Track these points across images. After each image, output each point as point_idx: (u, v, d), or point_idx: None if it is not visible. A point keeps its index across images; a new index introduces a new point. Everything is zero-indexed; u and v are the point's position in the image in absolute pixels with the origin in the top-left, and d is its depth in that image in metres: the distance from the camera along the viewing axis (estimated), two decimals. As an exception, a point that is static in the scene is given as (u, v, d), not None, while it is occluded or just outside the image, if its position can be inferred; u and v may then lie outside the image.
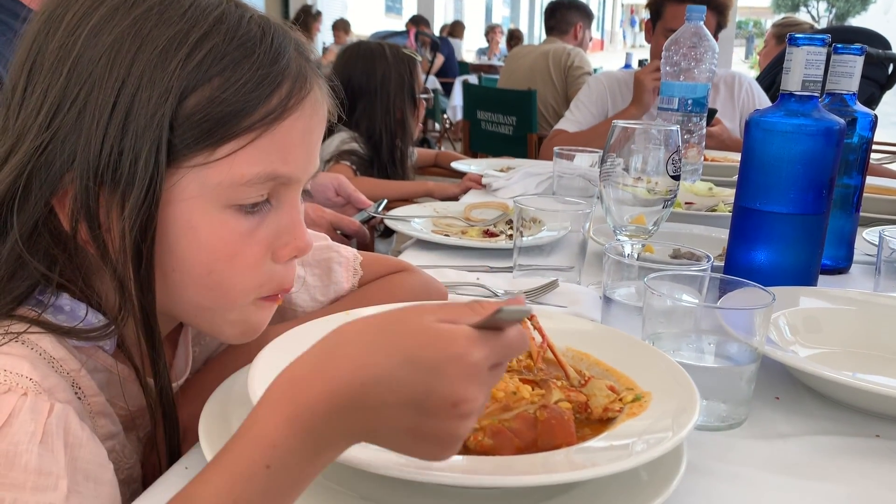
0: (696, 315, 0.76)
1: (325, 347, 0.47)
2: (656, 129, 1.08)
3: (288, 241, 0.63)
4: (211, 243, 0.60)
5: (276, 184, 0.61)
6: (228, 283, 0.61)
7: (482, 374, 0.45)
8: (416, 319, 0.46)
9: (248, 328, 0.66)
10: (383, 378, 0.44)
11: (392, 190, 1.96)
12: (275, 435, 0.44)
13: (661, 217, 1.09)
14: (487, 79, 5.90)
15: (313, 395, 0.45)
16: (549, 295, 1.06)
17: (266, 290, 0.64)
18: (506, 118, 3.75)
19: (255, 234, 0.61)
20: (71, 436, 0.54)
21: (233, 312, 0.64)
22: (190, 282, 0.61)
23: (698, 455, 0.66)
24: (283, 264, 0.64)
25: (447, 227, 1.48)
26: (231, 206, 0.59)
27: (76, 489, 0.52)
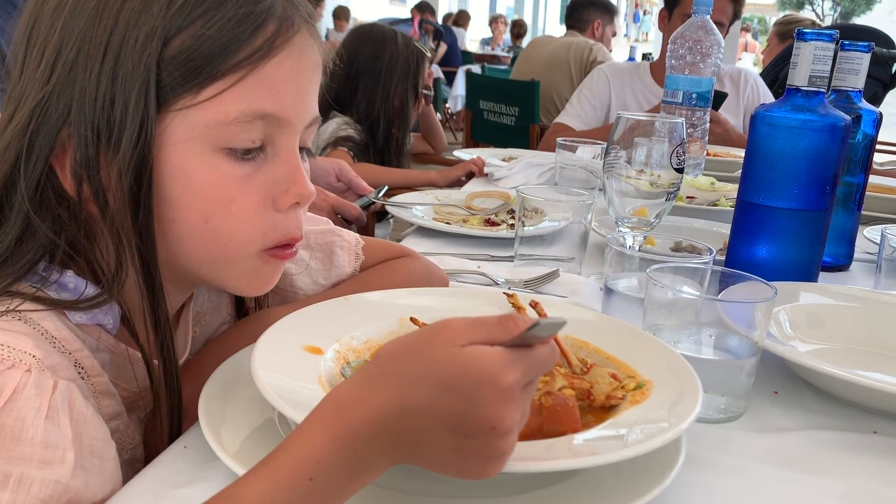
0: (697, 307, 0.76)
1: (369, 376, 0.48)
2: (661, 121, 1.08)
3: (288, 187, 0.62)
4: (204, 189, 0.60)
5: (268, 126, 0.60)
6: (227, 231, 0.61)
7: (516, 396, 0.46)
8: (448, 346, 0.46)
9: (258, 281, 0.66)
10: (422, 406, 0.46)
11: (395, 178, 1.96)
12: (320, 451, 0.46)
13: (663, 210, 1.09)
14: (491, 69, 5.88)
15: (357, 420, 0.46)
16: (549, 285, 1.06)
17: (271, 240, 0.63)
18: (508, 108, 3.74)
19: (250, 180, 0.61)
20: (76, 412, 0.54)
21: (238, 265, 0.63)
22: (189, 233, 0.61)
23: (696, 447, 0.67)
24: (286, 213, 0.63)
25: (448, 214, 1.48)
26: (222, 149, 0.59)
27: (82, 464, 0.53)
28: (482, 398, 0.45)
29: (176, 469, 0.60)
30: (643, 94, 2.52)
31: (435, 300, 0.80)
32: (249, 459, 0.54)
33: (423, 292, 0.83)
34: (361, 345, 0.70)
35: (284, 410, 0.54)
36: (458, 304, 0.80)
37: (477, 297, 0.83)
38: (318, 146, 2.13)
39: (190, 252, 0.63)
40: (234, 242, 0.62)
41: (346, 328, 0.71)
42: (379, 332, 0.73)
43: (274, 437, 0.60)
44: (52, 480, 0.50)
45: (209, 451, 0.58)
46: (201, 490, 0.57)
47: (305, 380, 0.61)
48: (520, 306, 0.78)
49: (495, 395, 0.45)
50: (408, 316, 0.74)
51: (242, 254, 0.63)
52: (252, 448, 0.58)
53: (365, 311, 0.75)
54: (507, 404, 0.45)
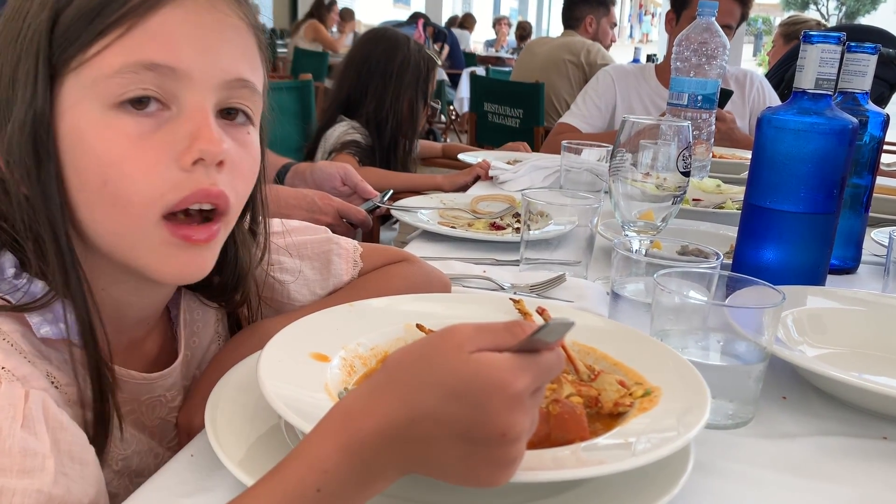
0: (704, 313, 0.75)
1: (376, 384, 0.48)
2: (667, 124, 1.08)
3: (190, 143, 0.60)
4: (98, 148, 0.58)
5: (163, 79, 0.59)
6: (125, 192, 0.58)
7: (525, 402, 0.46)
8: (456, 353, 0.46)
9: (172, 263, 0.62)
10: (430, 414, 0.45)
11: (400, 181, 1.95)
12: (327, 461, 0.46)
13: (669, 213, 1.09)
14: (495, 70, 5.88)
15: (365, 429, 0.46)
16: (555, 289, 1.06)
17: (172, 198, 0.60)
18: (513, 110, 3.74)
19: (149, 137, 0.59)
20: (51, 419, 0.54)
21: (144, 237, 0.60)
22: (94, 200, 0.60)
23: (704, 453, 0.66)
24: (191, 172, 0.60)
25: (454, 218, 1.48)
26: (114, 105, 0.58)
27: (62, 471, 0.52)
28: (491, 405, 0.45)
29: (182, 478, 0.59)
30: (648, 96, 2.51)
31: (441, 306, 0.80)
32: (255, 467, 0.54)
33: (428, 298, 0.83)
34: (367, 352, 0.70)
35: (290, 418, 0.54)
36: (465, 310, 0.80)
37: (483, 302, 0.82)
38: (324, 151, 2.13)
39: (101, 224, 0.61)
40: (134, 205, 0.59)
41: (351, 335, 0.71)
42: (385, 339, 0.72)
43: (280, 444, 0.60)
44: (34, 490, 0.50)
45: (214, 460, 0.58)
46: (207, 499, 0.56)
47: (311, 388, 0.61)
48: (526, 312, 0.78)
49: (504, 402, 0.45)
50: (414, 322, 0.74)
51: (144, 220, 0.60)
52: (258, 456, 0.58)
53: (370, 317, 0.75)
54: (517, 411, 0.45)
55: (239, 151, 0.64)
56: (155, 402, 0.72)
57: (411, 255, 0.99)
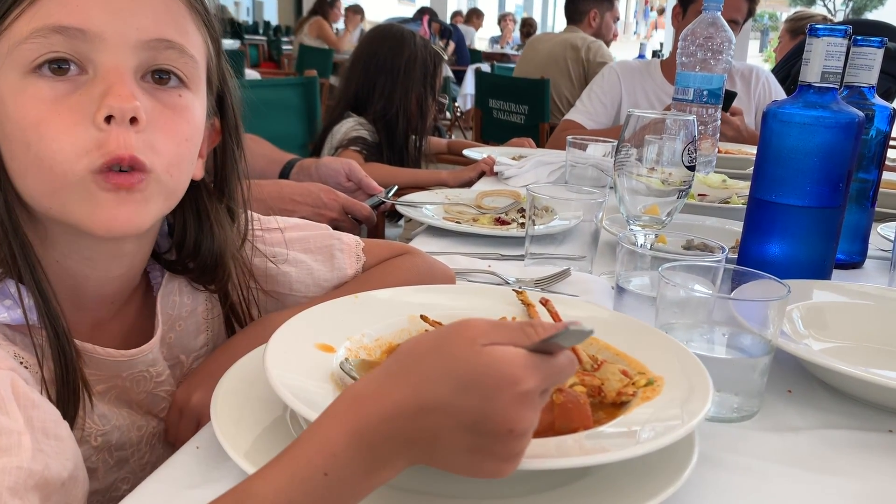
0: (709, 306, 0.75)
1: (388, 372, 0.48)
2: (672, 118, 1.07)
3: (101, 102, 0.60)
4: (17, 113, 0.60)
5: (74, 42, 0.60)
6: (46, 153, 0.60)
7: (534, 401, 0.46)
8: (470, 345, 0.46)
9: (101, 212, 0.62)
10: (440, 404, 0.45)
11: (405, 177, 1.95)
12: (336, 445, 0.46)
13: (674, 208, 1.09)
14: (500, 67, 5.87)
15: (375, 415, 0.46)
16: (560, 284, 1.06)
17: (97, 158, 0.60)
18: (518, 107, 3.73)
19: (65, 100, 0.60)
20: (21, 397, 0.54)
21: (75, 191, 0.61)
22: (23, 167, 0.61)
23: (709, 446, 0.66)
24: (108, 130, 0.60)
25: (458, 214, 1.48)
26: (29, 70, 0.60)
27: (39, 447, 0.52)
28: (500, 398, 0.45)
29: (188, 470, 0.60)
30: (654, 91, 2.51)
31: (445, 297, 0.80)
32: (261, 459, 0.54)
33: (432, 290, 0.83)
34: (372, 342, 0.70)
35: (297, 408, 0.54)
36: (468, 301, 0.80)
37: (486, 294, 0.82)
38: (331, 147, 2.14)
39: (33, 188, 0.62)
40: (57, 164, 0.60)
41: (356, 326, 0.71)
42: (389, 330, 0.73)
43: (285, 436, 0.60)
44: (13, 467, 0.50)
45: (220, 452, 0.58)
46: (214, 491, 0.56)
47: (318, 378, 0.61)
48: (529, 303, 0.78)
49: (514, 397, 0.45)
50: (417, 313, 0.74)
51: (71, 177, 0.60)
52: (263, 448, 0.58)
53: (375, 308, 0.75)
54: (526, 407, 0.46)
55: (165, 112, 0.64)
56: (139, 377, 0.73)
57: (414, 248, 0.99)
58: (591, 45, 3.63)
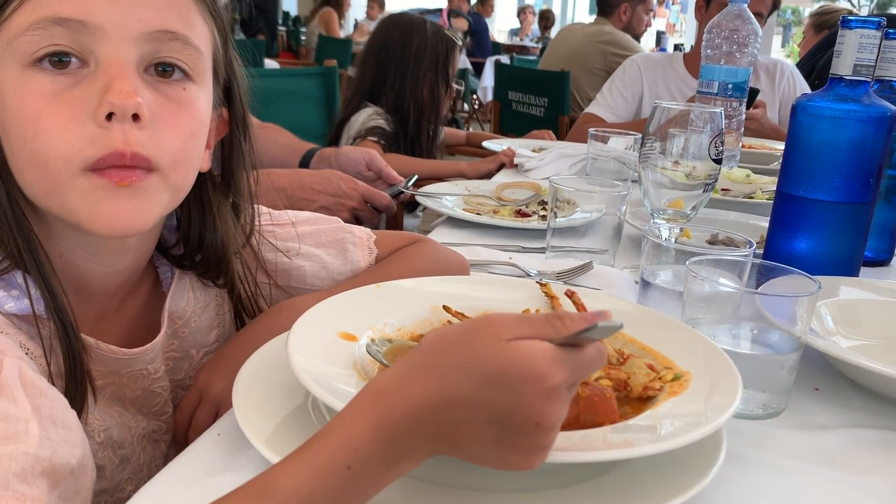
0: (737, 301, 0.74)
1: (412, 365, 0.47)
2: (698, 111, 1.06)
3: (102, 97, 0.59)
4: (15, 107, 0.59)
5: (75, 34, 0.59)
6: (42, 150, 0.58)
7: (561, 395, 0.46)
8: (496, 340, 0.45)
9: (101, 210, 0.60)
10: (465, 399, 0.45)
11: (424, 168, 1.94)
12: (359, 439, 0.45)
13: (700, 202, 1.07)
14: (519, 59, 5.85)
15: (399, 409, 0.45)
16: (582, 277, 1.04)
17: (91, 155, 0.59)
18: (538, 99, 3.71)
19: (64, 94, 0.59)
20: (29, 386, 0.54)
21: (71, 189, 0.60)
22: (21, 163, 0.60)
23: (735, 443, 0.65)
24: (107, 127, 0.59)
25: (478, 205, 1.47)
26: (29, 63, 0.59)
27: (46, 435, 0.52)
28: (527, 394, 0.44)
29: (209, 457, 0.59)
30: (676, 85, 2.48)
31: (467, 288, 0.79)
32: (282, 446, 0.54)
33: (455, 280, 0.82)
34: (394, 332, 0.70)
35: (320, 396, 0.53)
36: (491, 292, 0.79)
37: (509, 285, 0.81)
38: (348, 137, 2.13)
39: (32, 184, 0.61)
40: (52, 161, 0.59)
41: (378, 315, 0.70)
42: (411, 320, 0.72)
43: (306, 423, 0.60)
44: (20, 453, 0.49)
45: (241, 439, 0.58)
46: (235, 478, 0.56)
47: (340, 366, 0.61)
48: (553, 295, 0.77)
49: (541, 393, 0.44)
50: (440, 304, 0.74)
51: (65, 174, 0.59)
52: (285, 435, 0.57)
53: (397, 298, 0.74)
54: (553, 402, 0.45)
55: (169, 106, 0.63)
56: (136, 375, 0.72)
57: (424, 236, 0.98)
58: (619, 40, 3.59)
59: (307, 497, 0.44)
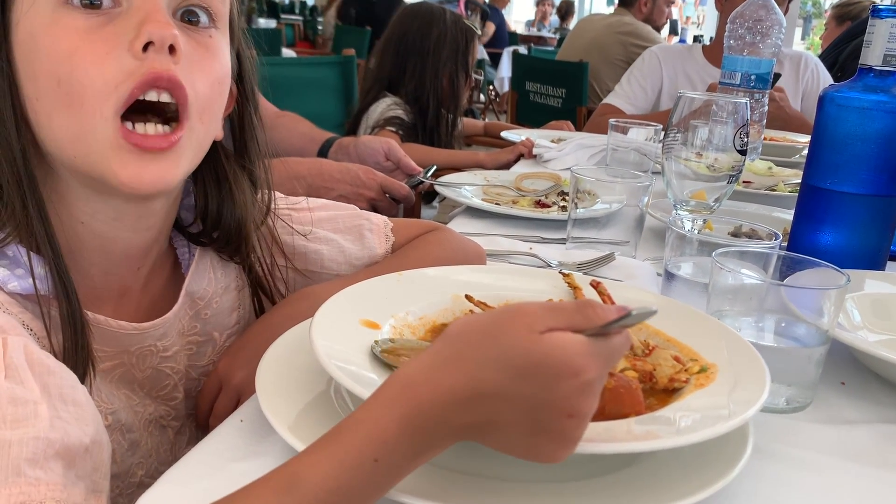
0: (762, 294, 0.73)
1: (439, 357, 0.46)
2: (723, 101, 1.04)
3: (140, 29, 0.59)
4: (49, 46, 0.58)
5: None
6: (78, 86, 0.58)
7: (594, 387, 0.45)
8: (527, 332, 0.45)
9: (132, 172, 0.60)
10: (497, 392, 0.44)
11: (443, 158, 1.94)
12: (387, 432, 0.45)
13: (723, 193, 1.06)
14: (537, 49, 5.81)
15: (427, 401, 0.45)
16: (604, 268, 1.04)
17: (125, 89, 0.59)
18: (555, 90, 3.69)
19: (99, 30, 0.58)
20: (36, 364, 0.53)
21: (102, 135, 0.59)
22: (51, 106, 0.59)
23: (761, 436, 0.64)
24: (142, 59, 0.59)
25: (497, 195, 1.46)
26: (63, 2, 0.58)
27: (57, 415, 0.51)
28: (560, 387, 0.44)
29: (232, 443, 0.59)
30: (697, 73, 2.45)
31: (489, 278, 0.79)
32: (304, 432, 0.54)
33: (477, 269, 0.82)
34: (416, 321, 0.69)
35: (345, 383, 0.53)
36: (512, 281, 0.78)
37: (531, 275, 0.81)
38: (366, 126, 2.13)
39: (59, 130, 0.60)
40: (87, 100, 0.58)
41: (401, 304, 0.70)
42: (433, 309, 0.72)
43: (328, 410, 0.60)
44: (31, 438, 0.48)
45: (264, 425, 0.58)
46: (258, 464, 0.56)
47: (363, 354, 0.60)
48: (576, 286, 0.76)
49: (575, 386, 0.44)
50: (461, 293, 0.73)
51: (98, 117, 0.58)
52: (307, 421, 0.57)
53: (418, 287, 0.74)
54: (587, 395, 0.45)
55: (199, 50, 0.63)
56: (146, 351, 0.71)
57: (441, 224, 0.98)
58: (639, 31, 3.55)
59: (334, 489, 0.44)
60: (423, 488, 0.51)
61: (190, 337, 0.76)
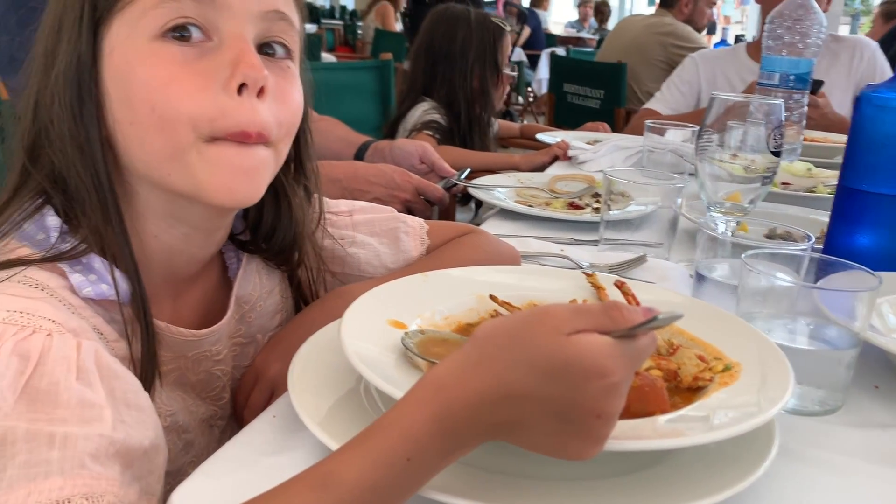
0: (793, 296, 0.72)
1: (468, 360, 0.48)
2: (757, 103, 1.04)
3: (233, 69, 0.61)
4: (146, 75, 0.60)
5: (202, 8, 0.60)
6: (172, 113, 0.60)
7: (622, 388, 0.46)
8: (554, 335, 0.45)
9: (225, 184, 0.63)
10: (525, 393, 0.45)
11: (477, 160, 1.95)
12: (419, 432, 0.46)
13: (758, 195, 1.05)
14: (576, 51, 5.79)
15: (457, 402, 0.46)
16: (636, 270, 1.04)
17: (220, 127, 0.61)
18: (594, 91, 3.67)
19: (193, 63, 0.61)
20: (104, 368, 0.55)
21: (193, 156, 0.61)
22: (145, 130, 0.61)
23: (790, 438, 0.64)
24: (239, 100, 0.61)
25: (531, 197, 1.47)
26: (158, 35, 0.60)
27: (120, 418, 0.53)
28: (588, 389, 0.45)
29: (265, 438, 0.61)
30: (738, 75, 2.42)
31: (514, 278, 0.80)
32: (334, 429, 0.56)
33: (501, 270, 0.83)
34: (442, 320, 0.71)
35: (373, 381, 0.55)
36: (537, 282, 0.79)
37: (556, 276, 0.82)
38: (404, 130, 2.15)
39: (153, 153, 0.62)
40: (181, 125, 0.60)
41: (427, 304, 0.71)
42: (459, 309, 0.73)
43: (358, 407, 0.61)
44: (95, 434, 0.51)
45: (296, 421, 0.59)
46: (290, 458, 0.58)
47: (391, 352, 0.62)
48: (600, 286, 0.77)
49: (602, 388, 0.45)
50: (486, 293, 0.74)
51: (190, 139, 0.61)
52: (337, 418, 0.59)
53: (444, 287, 0.75)
54: (614, 395, 0.45)
55: (280, 83, 0.65)
56: (201, 357, 0.73)
57: (477, 228, 0.99)
58: (679, 31, 3.52)
59: (368, 487, 0.45)
60: (453, 486, 0.52)
61: (235, 339, 0.78)
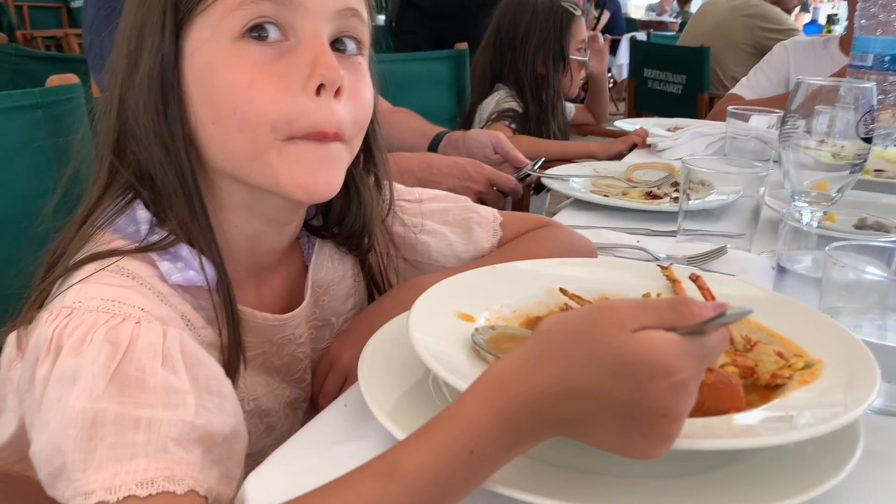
0: (883, 290, 0.69)
1: (530, 355, 0.47)
2: (847, 86, 0.99)
3: (311, 70, 0.62)
4: (228, 77, 0.61)
5: (280, 10, 0.61)
6: (254, 114, 0.61)
7: (689, 387, 0.45)
8: (619, 331, 0.45)
9: (306, 179, 0.64)
10: (588, 390, 0.45)
11: (553, 150, 1.93)
12: (482, 425, 0.46)
13: (846, 184, 1.00)
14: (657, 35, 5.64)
15: (519, 397, 0.46)
16: (715, 262, 1.01)
17: (299, 128, 0.62)
18: (675, 76, 3.58)
19: (273, 64, 0.62)
20: (189, 356, 0.57)
21: (274, 154, 0.63)
22: (227, 130, 0.63)
23: (877, 440, 0.61)
24: (317, 100, 0.62)
25: (607, 187, 1.44)
26: (238, 36, 0.61)
27: (202, 404, 0.55)
28: (654, 387, 0.44)
29: (337, 426, 0.63)
30: (831, 68, 2.31)
31: (584, 271, 0.78)
32: (402, 419, 0.56)
33: (571, 262, 0.81)
34: (510, 313, 0.70)
35: (440, 373, 0.55)
36: (609, 275, 0.77)
37: (628, 268, 0.80)
38: (480, 119, 2.14)
39: (235, 152, 0.64)
40: (262, 126, 0.62)
41: (495, 297, 0.71)
42: (527, 302, 0.72)
43: (426, 398, 0.62)
44: (178, 420, 0.53)
45: (366, 410, 0.60)
46: (359, 447, 0.59)
47: (458, 345, 0.62)
48: (675, 279, 0.75)
49: (668, 387, 0.44)
50: (556, 286, 0.73)
51: (270, 139, 0.62)
52: (405, 409, 0.60)
53: (513, 280, 0.75)
54: (681, 394, 0.44)
55: (353, 80, 0.66)
56: (285, 340, 0.76)
57: (553, 220, 0.98)
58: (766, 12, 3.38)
59: (432, 479, 0.46)
60: (518, 480, 0.52)
61: (311, 322, 0.80)
